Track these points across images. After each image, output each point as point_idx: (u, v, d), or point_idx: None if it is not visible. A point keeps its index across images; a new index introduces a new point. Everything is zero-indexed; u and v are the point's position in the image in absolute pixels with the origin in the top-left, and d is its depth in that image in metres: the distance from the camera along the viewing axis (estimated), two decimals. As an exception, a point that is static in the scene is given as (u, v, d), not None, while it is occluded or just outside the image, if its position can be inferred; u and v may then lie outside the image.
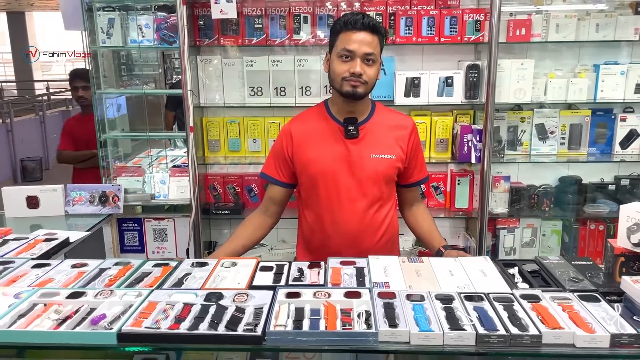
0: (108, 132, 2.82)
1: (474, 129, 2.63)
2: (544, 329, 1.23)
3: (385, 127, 1.95)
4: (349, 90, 1.82)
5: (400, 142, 1.94)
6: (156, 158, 3.17)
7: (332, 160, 1.91)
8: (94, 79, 2.71)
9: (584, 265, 1.63)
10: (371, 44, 1.80)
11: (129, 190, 2.73)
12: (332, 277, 1.57)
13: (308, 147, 1.93)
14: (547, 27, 2.62)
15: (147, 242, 2.89)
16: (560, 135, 2.80)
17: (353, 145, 1.91)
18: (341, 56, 1.82)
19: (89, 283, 1.57)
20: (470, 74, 2.66)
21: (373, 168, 1.91)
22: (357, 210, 1.94)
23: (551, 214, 2.89)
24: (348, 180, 1.91)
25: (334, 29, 1.86)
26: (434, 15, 2.60)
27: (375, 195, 1.94)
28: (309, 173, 1.93)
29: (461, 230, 3.05)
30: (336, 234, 1.96)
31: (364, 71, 1.80)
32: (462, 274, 1.59)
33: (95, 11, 2.62)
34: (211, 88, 2.78)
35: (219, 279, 1.59)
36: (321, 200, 1.95)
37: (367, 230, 1.96)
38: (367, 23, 1.79)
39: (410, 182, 2.04)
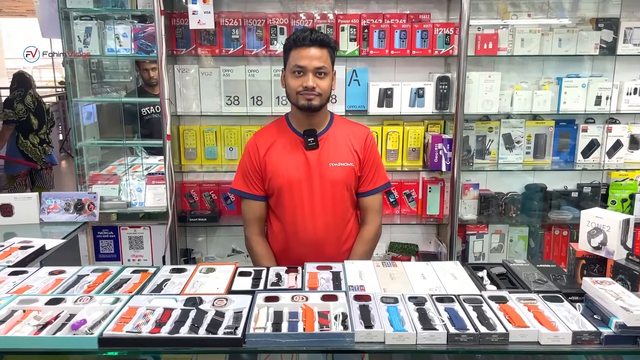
0: (83, 140, 2.80)
1: (444, 139, 2.71)
2: (511, 327, 1.29)
3: (342, 137, 2.03)
4: (304, 104, 1.91)
5: (356, 151, 2.03)
6: (130, 166, 3.15)
7: (295, 171, 1.98)
8: (70, 86, 2.70)
9: (548, 268, 1.70)
10: (321, 58, 1.89)
11: (104, 198, 2.71)
12: (309, 281, 1.61)
13: (272, 159, 2.01)
14: (513, 41, 2.72)
15: (123, 249, 2.87)
16: (525, 144, 2.90)
17: (313, 155, 1.98)
18: (294, 72, 1.91)
19: (68, 290, 1.57)
20: (440, 86, 2.74)
21: (332, 176, 1.99)
22: (319, 219, 2.01)
23: (518, 220, 2.98)
24: (310, 189, 1.99)
25: (286, 47, 1.95)
26: (405, 28, 2.68)
27: (337, 204, 2.02)
28: (274, 184, 2.01)
29: (432, 236, 3.12)
30: (298, 242, 2.03)
31: (316, 84, 1.89)
32: (434, 277, 1.64)
33: (72, 20, 2.61)
34: (188, 97, 2.79)
35: (197, 284, 1.61)
36: (286, 209, 2.02)
37: (329, 239, 2.03)
38: (315, 38, 1.88)
39: (364, 190, 2.08)
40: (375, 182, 2.08)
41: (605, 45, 2.77)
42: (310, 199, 2.00)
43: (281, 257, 2.09)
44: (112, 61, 3.14)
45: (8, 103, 5.30)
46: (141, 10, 2.60)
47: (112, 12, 2.64)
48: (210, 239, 3.11)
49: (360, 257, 2.07)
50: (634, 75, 2.89)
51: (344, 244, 2.08)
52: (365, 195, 2.09)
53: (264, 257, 2.07)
